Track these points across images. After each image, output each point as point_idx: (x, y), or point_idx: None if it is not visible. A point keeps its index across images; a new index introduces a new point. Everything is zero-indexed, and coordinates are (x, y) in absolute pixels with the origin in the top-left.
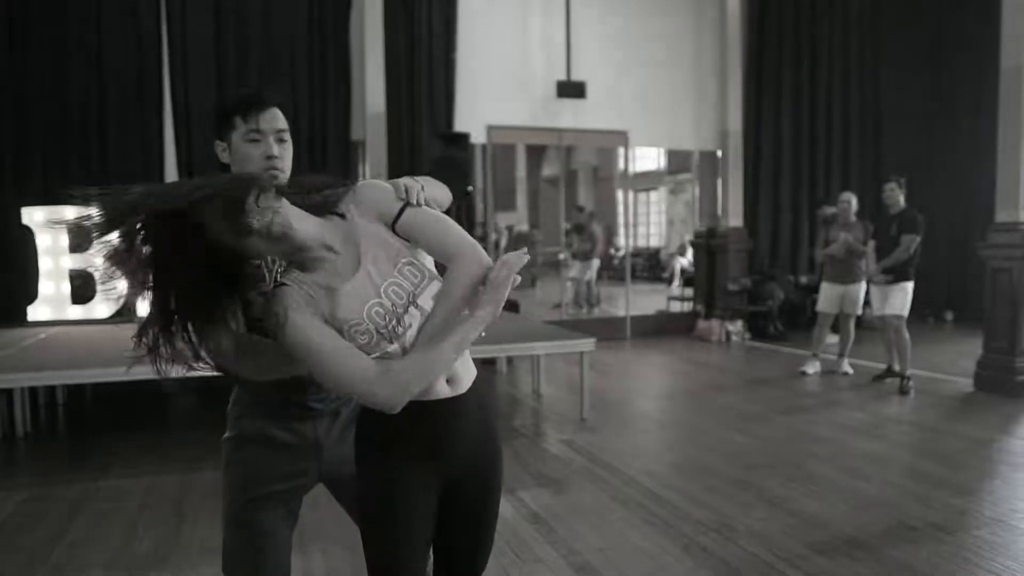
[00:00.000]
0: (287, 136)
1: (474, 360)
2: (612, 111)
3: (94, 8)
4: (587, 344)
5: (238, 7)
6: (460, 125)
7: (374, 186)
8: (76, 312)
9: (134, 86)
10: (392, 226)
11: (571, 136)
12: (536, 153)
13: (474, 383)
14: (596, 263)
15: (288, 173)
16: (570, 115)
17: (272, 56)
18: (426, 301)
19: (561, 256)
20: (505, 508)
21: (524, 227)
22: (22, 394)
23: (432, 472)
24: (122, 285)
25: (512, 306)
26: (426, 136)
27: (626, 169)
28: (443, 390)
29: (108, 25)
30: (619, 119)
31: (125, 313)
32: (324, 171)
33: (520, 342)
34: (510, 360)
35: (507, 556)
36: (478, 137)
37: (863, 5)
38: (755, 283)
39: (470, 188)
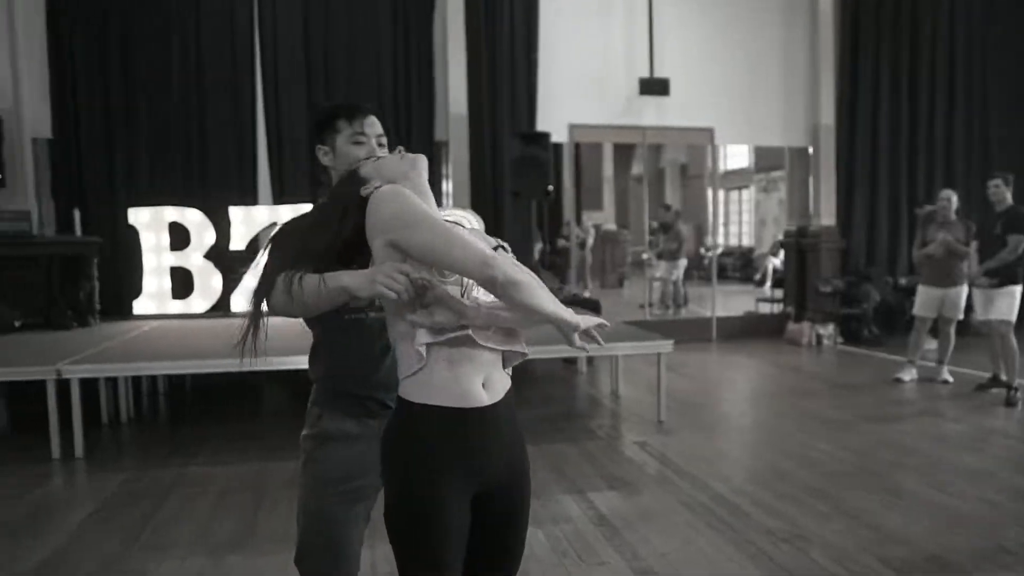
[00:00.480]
0: (385, 141)
1: (555, 358)
2: (697, 108)
3: (193, 25)
4: (665, 346)
5: (327, 15)
6: (542, 124)
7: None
8: (177, 307)
9: (230, 94)
10: None
11: (654, 134)
12: (624, 152)
13: (506, 393)
14: (683, 263)
15: None
16: (653, 113)
17: (358, 60)
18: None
19: (644, 256)
20: (572, 509)
21: (611, 226)
22: (126, 383)
23: (468, 482)
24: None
25: (593, 306)
26: (507, 136)
27: (715, 167)
28: (481, 397)
29: (207, 41)
30: (704, 116)
31: (222, 308)
32: None
33: None
34: (590, 360)
35: (569, 557)
36: (560, 136)
37: None
38: (849, 284)
39: (550, 187)
